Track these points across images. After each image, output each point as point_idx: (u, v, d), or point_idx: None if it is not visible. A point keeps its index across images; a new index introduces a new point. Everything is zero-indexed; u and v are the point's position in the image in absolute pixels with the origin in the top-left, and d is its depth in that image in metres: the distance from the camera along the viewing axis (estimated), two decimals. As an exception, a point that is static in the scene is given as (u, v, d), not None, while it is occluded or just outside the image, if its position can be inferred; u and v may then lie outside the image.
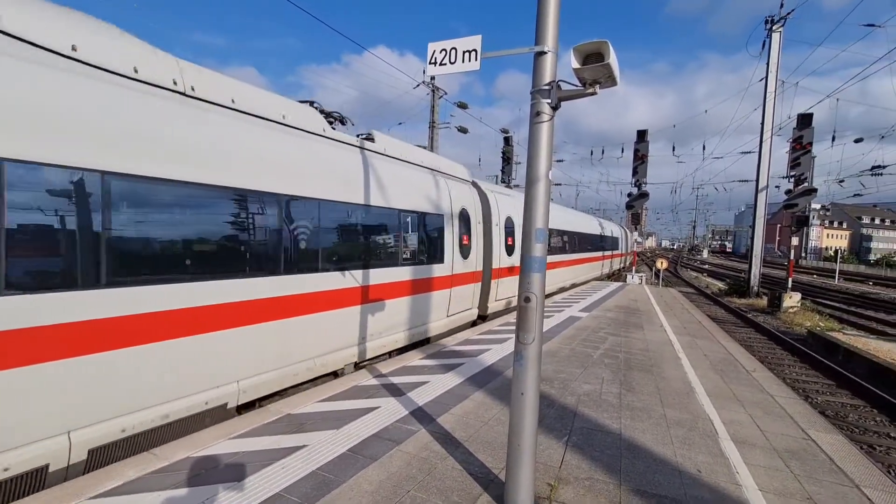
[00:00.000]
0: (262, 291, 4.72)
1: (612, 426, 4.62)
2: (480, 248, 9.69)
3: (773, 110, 19.85)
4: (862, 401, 7.88)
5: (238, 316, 4.45)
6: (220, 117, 4.50)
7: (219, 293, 4.26)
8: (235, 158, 4.51)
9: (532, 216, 2.80)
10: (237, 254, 4.55)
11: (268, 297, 4.77)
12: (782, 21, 19.27)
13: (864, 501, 3.47)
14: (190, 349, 4.04)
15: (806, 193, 17.67)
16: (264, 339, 4.80)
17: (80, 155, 3.26)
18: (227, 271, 4.38)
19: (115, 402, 3.61)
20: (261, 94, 5.15)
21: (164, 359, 3.87)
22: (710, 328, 11.03)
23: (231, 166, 4.45)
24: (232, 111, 4.68)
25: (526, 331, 2.87)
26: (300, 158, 5.38)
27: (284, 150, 5.18)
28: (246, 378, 4.66)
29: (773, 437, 4.59)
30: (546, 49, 2.67)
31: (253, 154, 4.72)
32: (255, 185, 4.65)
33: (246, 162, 4.62)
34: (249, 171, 4.64)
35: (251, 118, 4.89)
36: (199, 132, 4.21)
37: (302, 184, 5.27)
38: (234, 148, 4.53)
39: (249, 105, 4.89)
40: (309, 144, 5.60)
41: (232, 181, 4.43)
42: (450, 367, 6.38)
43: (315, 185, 5.47)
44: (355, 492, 3.20)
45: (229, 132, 4.53)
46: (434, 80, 18.02)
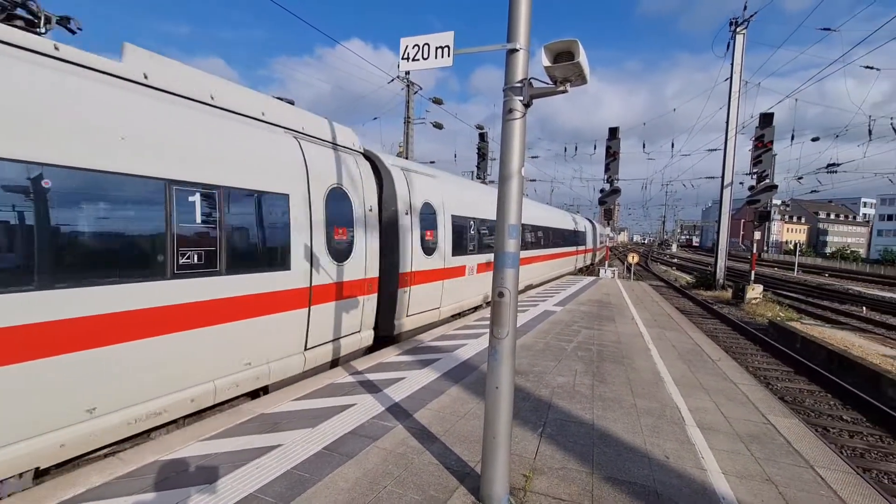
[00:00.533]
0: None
1: (584, 417, 4.73)
2: (374, 246, 6.95)
3: (737, 109, 20.59)
4: (817, 386, 8.31)
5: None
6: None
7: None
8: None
9: (505, 212, 2.84)
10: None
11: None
12: (745, 23, 19.98)
13: (817, 480, 3.68)
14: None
15: (767, 190, 18.43)
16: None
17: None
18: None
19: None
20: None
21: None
22: (678, 320, 11.41)
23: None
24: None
25: (500, 325, 2.91)
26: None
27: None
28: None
29: (736, 422, 4.80)
30: (518, 46, 2.70)
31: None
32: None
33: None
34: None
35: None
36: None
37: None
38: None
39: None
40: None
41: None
42: (426, 362, 6.40)
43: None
44: (331, 490, 3.19)
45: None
46: (409, 75, 17.91)
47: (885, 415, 6.65)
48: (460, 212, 9.73)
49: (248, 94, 5.36)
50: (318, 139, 6.29)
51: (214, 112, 4.75)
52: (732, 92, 20.48)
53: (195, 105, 4.57)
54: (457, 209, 9.58)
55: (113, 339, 3.64)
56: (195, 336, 4.26)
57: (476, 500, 3.14)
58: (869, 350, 9.78)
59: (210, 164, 4.44)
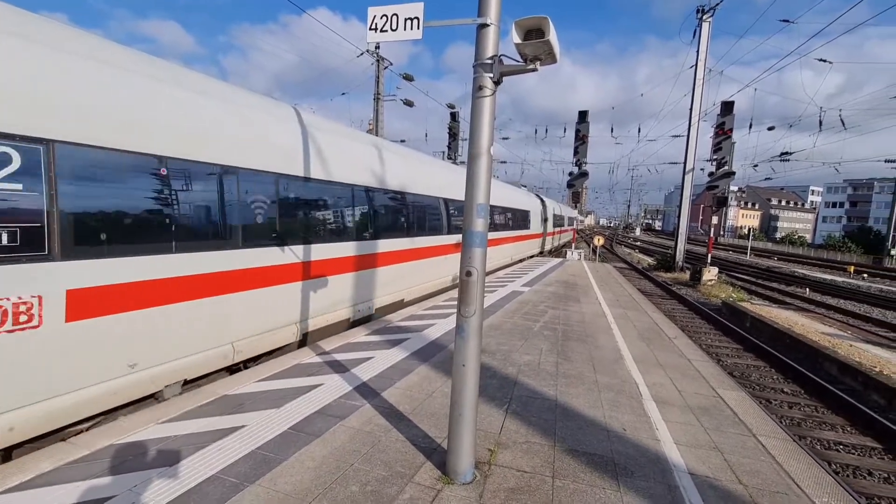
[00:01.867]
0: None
1: (549, 393, 4.89)
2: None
3: (700, 97, 21.17)
4: (763, 362, 8.89)
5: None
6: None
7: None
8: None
9: (474, 192, 2.82)
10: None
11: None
12: (711, 11, 20.39)
13: (758, 447, 3.96)
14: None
15: (726, 176, 19.22)
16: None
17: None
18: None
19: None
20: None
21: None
22: (639, 300, 11.87)
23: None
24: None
25: (467, 304, 2.93)
26: None
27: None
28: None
29: (689, 396, 5.08)
30: (489, 21, 2.65)
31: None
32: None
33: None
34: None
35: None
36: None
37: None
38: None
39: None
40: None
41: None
42: (395, 342, 6.41)
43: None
44: (297, 468, 3.17)
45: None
46: (379, 48, 17.39)
47: (820, 387, 7.19)
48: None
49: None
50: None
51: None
52: (697, 79, 21.00)
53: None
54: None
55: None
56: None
57: (442, 475, 3.21)
58: (810, 328, 10.51)
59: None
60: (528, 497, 3.04)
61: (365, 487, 3.01)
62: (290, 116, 6.10)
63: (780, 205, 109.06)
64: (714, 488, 3.27)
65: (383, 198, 8.14)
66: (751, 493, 3.24)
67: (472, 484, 3.14)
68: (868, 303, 17.82)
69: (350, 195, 7.14)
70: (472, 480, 3.17)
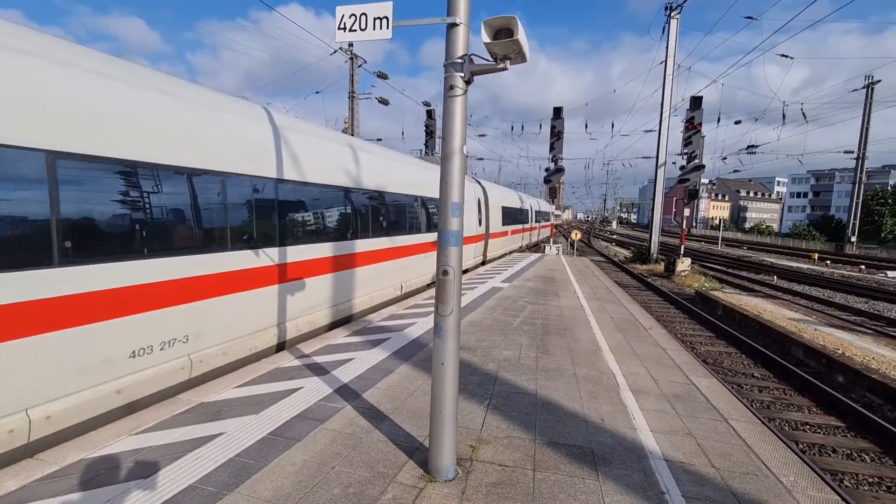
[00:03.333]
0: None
1: (529, 387, 4.95)
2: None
3: (671, 92, 21.70)
4: (734, 348, 9.20)
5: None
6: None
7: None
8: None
9: (448, 190, 2.84)
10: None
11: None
12: (679, 8, 20.89)
13: (730, 431, 4.11)
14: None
15: (696, 169, 19.75)
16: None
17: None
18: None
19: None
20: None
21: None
22: (616, 293, 12.12)
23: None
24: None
25: (444, 303, 2.95)
26: None
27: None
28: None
29: (664, 384, 5.23)
30: (458, 21, 2.66)
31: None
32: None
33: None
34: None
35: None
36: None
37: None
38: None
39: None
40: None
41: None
42: (375, 342, 6.39)
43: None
44: (277, 474, 3.14)
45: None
46: (352, 46, 17.20)
47: (788, 371, 7.50)
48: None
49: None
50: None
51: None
52: (667, 75, 21.50)
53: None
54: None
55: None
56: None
57: (424, 473, 3.22)
58: (777, 314, 10.93)
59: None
60: (509, 491, 3.08)
61: (347, 490, 3.00)
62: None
63: (749, 196, 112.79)
64: (688, 473, 3.38)
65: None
66: (722, 476, 3.36)
67: (455, 481, 3.17)
68: (831, 288, 18.63)
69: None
70: (454, 477, 3.19)
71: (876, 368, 7.01)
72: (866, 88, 34.89)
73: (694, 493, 3.14)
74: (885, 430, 5.41)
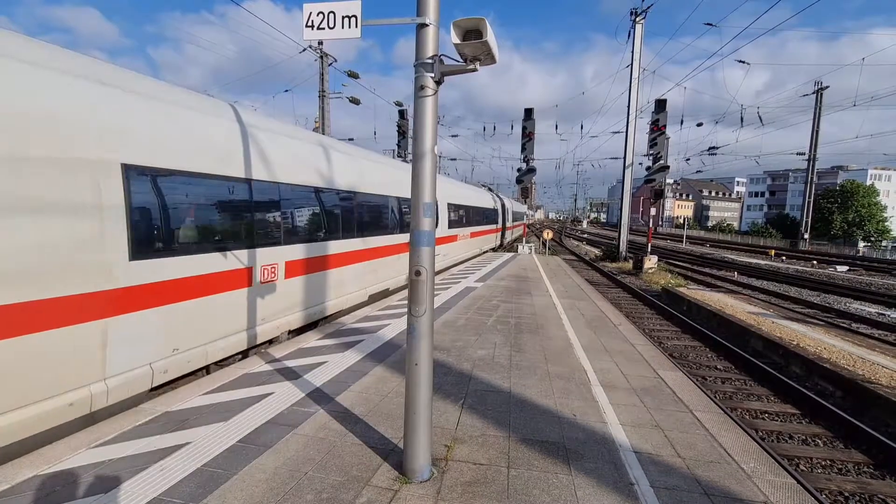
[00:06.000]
0: None
1: (503, 386, 5.00)
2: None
3: (636, 94, 22.34)
4: (699, 342, 9.56)
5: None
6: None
7: None
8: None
9: (419, 191, 2.83)
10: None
11: None
12: (644, 13, 21.54)
13: (694, 421, 4.27)
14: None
15: (661, 170, 20.43)
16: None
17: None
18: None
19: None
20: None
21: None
22: (587, 290, 12.39)
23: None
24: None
25: (417, 303, 2.95)
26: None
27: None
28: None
29: (633, 378, 5.38)
30: (427, 21, 2.66)
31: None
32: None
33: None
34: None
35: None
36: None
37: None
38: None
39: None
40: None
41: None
42: (349, 344, 6.31)
43: None
44: (247, 482, 3.06)
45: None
46: (322, 44, 16.93)
47: (748, 362, 7.85)
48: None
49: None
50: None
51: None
52: (633, 78, 22.13)
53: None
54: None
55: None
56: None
57: (399, 475, 3.21)
58: (738, 308, 11.42)
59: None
60: (484, 489, 3.10)
61: (320, 495, 2.95)
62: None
63: (711, 195, 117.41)
64: (656, 463, 3.49)
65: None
66: (688, 465, 3.49)
67: (430, 481, 3.17)
68: (787, 283, 19.61)
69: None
70: (429, 478, 3.19)
71: (827, 358, 7.42)
72: (816, 94, 36.90)
73: (661, 482, 3.24)
74: (835, 415, 5.74)
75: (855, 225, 58.79)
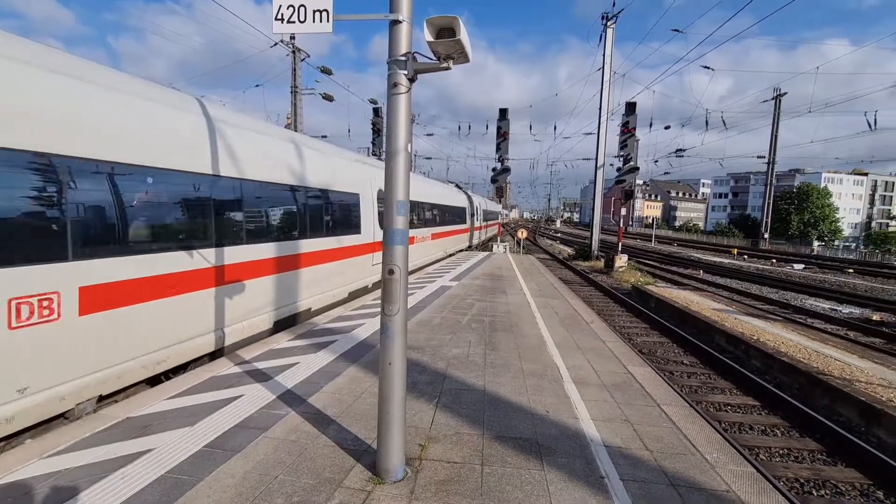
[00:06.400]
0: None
1: (477, 384, 5.03)
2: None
3: (608, 97, 22.86)
4: (667, 338, 9.87)
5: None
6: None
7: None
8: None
9: (393, 189, 2.81)
10: None
11: None
12: (615, 18, 22.05)
13: (662, 415, 4.40)
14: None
15: (631, 171, 20.97)
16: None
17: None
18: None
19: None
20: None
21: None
22: (560, 289, 12.59)
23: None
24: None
25: (391, 302, 2.92)
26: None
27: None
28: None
29: (604, 374, 5.50)
30: (401, 18, 2.64)
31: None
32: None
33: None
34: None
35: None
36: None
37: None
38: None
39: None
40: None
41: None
42: (322, 345, 6.21)
43: None
44: (214, 488, 2.97)
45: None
46: (294, 39, 16.58)
47: (713, 357, 8.15)
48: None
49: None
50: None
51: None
52: (604, 81, 22.62)
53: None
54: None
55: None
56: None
57: (373, 476, 3.18)
58: (703, 305, 11.84)
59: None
60: (458, 487, 3.11)
61: (290, 499, 2.89)
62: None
63: (678, 196, 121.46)
64: (625, 457, 3.58)
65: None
66: (655, 457, 3.59)
67: (404, 481, 3.15)
68: (748, 280, 20.47)
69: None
70: (403, 477, 3.17)
71: (785, 352, 7.78)
72: (775, 100, 38.64)
73: (630, 475, 3.32)
74: (792, 406, 6.02)
75: (810, 225, 62.01)
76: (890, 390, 6.02)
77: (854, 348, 8.35)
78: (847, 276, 23.22)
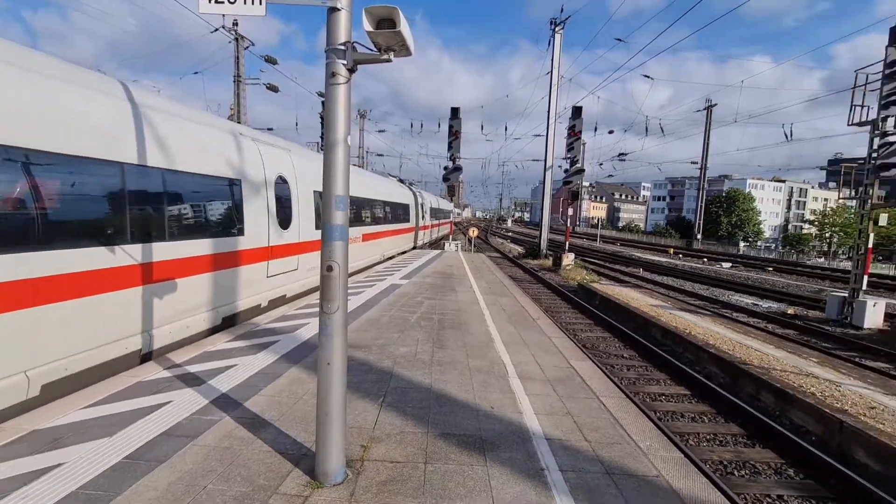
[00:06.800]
0: None
1: (424, 382, 4.99)
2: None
3: (556, 100, 23.58)
4: (609, 333, 10.32)
5: None
6: None
7: None
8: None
9: (332, 183, 2.71)
10: None
11: None
12: (562, 24, 22.77)
13: (601, 407, 4.57)
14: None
15: (578, 172, 21.78)
16: None
17: None
18: None
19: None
20: None
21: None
22: (509, 286, 12.83)
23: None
24: None
25: (329, 300, 2.82)
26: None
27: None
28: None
29: (548, 369, 5.64)
30: (339, 5, 2.54)
31: None
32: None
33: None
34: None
35: None
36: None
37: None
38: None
39: None
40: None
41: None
42: (262, 346, 5.93)
43: None
44: (134, 503, 2.73)
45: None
46: (237, 25, 15.76)
47: (649, 350, 8.61)
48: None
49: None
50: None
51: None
52: (553, 84, 23.32)
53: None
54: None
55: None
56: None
57: (311, 480, 3.06)
58: (642, 302, 12.50)
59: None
60: (400, 486, 3.06)
61: (220, 509, 2.72)
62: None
63: (621, 198, 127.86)
64: (565, 448, 3.68)
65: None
66: (593, 448, 3.72)
67: (344, 484, 3.05)
68: (683, 278, 21.88)
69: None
70: (343, 480, 3.08)
71: (713, 343, 8.37)
72: (707, 110, 41.56)
73: (569, 465, 3.42)
74: (718, 394, 6.48)
75: (737, 227, 67.33)
76: (801, 377, 6.63)
77: (772, 339, 9.13)
78: (767, 273, 25.42)
